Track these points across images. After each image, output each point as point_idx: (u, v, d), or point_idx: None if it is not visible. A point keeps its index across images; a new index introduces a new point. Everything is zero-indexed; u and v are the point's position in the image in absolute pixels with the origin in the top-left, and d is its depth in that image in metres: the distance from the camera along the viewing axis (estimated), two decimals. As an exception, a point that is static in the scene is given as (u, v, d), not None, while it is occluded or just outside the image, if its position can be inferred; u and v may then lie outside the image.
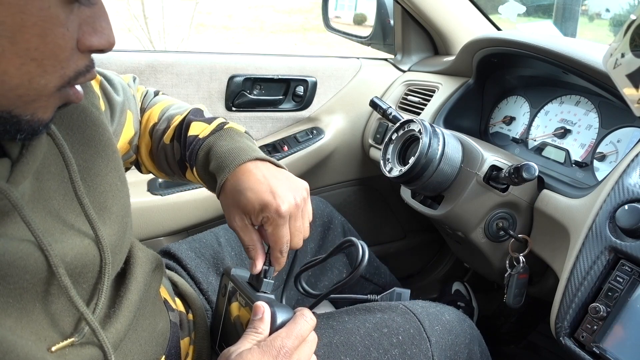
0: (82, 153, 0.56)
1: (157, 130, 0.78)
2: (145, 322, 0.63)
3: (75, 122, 0.56)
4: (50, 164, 0.52)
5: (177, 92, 1.31)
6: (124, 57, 1.26)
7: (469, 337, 0.84)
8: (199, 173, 0.72)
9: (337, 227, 1.14)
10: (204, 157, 0.70)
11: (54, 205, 0.52)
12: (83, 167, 0.55)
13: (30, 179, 0.50)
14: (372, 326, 0.77)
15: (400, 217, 1.63)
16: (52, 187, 0.52)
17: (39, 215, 0.49)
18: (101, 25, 0.45)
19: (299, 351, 0.56)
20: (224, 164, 0.66)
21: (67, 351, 0.50)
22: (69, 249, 0.50)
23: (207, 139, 0.71)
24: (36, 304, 0.48)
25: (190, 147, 0.72)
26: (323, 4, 1.66)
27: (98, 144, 0.57)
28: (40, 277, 0.48)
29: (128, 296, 0.59)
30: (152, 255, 0.69)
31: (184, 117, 0.76)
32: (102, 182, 0.57)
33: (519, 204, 0.96)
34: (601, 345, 0.71)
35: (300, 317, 0.59)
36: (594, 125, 1.01)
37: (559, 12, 3.17)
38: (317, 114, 1.46)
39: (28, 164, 0.47)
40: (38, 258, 0.47)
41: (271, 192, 0.63)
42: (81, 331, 0.51)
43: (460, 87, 1.25)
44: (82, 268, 0.51)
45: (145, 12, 5.22)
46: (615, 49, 0.65)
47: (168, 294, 0.75)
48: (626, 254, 0.71)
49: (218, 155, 0.68)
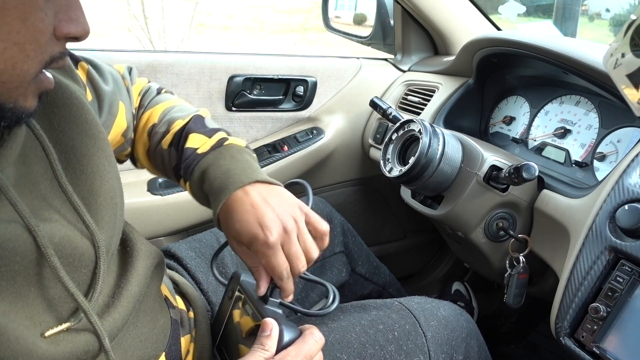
0: (68, 131, 0.56)
1: (157, 132, 0.77)
2: (145, 318, 0.63)
3: (60, 100, 0.56)
4: (36, 147, 0.53)
5: (177, 92, 1.31)
6: (124, 57, 1.26)
7: (465, 332, 0.84)
8: (192, 188, 0.71)
9: (337, 227, 1.14)
10: (199, 175, 0.69)
11: (41, 190, 0.52)
12: (69, 147, 0.55)
13: (16, 164, 0.50)
14: (367, 323, 0.78)
15: (400, 217, 1.63)
16: (39, 171, 0.53)
17: (27, 198, 0.50)
18: (76, 14, 0.46)
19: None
20: (217, 192, 0.66)
21: (61, 337, 0.50)
22: (56, 229, 0.50)
23: (205, 156, 0.70)
24: (31, 289, 0.49)
25: (187, 160, 0.71)
26: (323, 4, 1.66)
27: (83, 123, 0.57)
28: (31, 259, 0.48)
29: (128, 288, 0.59)
30: (155, 251, 0.69)
31: (185, 123, 0.75)
32: (88, 164, 0.56)
33: (519, 204, 0.96)
34: (601, 345, 0.71)
35: (309, 337, 0.59)
36: (594, 125, 1.01)
37: (559, 12, 3.18)
38: (317, 114, 1.46)
39: (11, 148, 0.48)
40: (27, 239, 0.47)
41: (258, 223, 0.61)
42: (77, 316, 0.52)
43: (460, 87, 1.25)
44: (72, 250, 0.52)
45: (145, 12, 5.22)
46: (616, 49, 0.65)
47: (169, 291, 0.75)
48: (626, 254, 0.71)
49: (212, 179, 0.67)
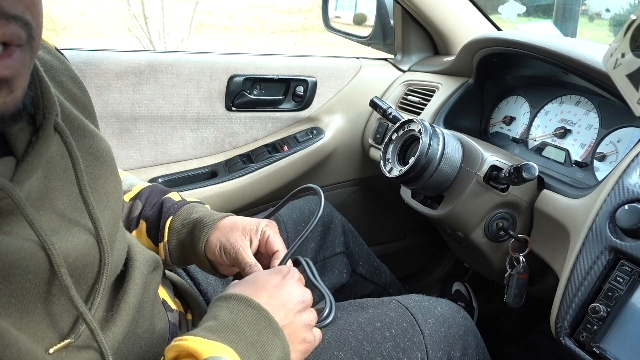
0: (83, 159, 0.56)
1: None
2: (144, 325, 0.63)
3: (76, 130, 0.56)
4: (56, 163, 0.52)
5: (177, 92, 1.31)
6: (124, 57, 1.26)
7: (462, 329, 0.84)
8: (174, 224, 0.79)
9: (337, 227, 1.14)
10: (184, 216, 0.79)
11: (59, 205, 0.52)
12: (85, 171, 0.55)
13: (39, 178, 0.50)
14: (365, 321, 0.78)
15: (400, 217, 1.63)
16: (57, 186, 0.52)
17: (45, 214, 0.50)
18: None
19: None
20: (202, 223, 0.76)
21: (64, 354, 0.50)
22: (72, 248, 0.50)
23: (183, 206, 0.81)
24: (37, 305, 0.48)
25: (169, 204, 0.81)
26: (323, 4, 1.66)
27: (96, 151, 0.58)
28: (43, 277, 0.47)
29: (126, 299, 0.59)
30: (151, 256, 0.69)
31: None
32: (103, 185, 0.57)
33: (519, 204, 0.96)
34: (601, 345, 0.71)
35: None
36: (594, 125, 1.01)
37: (559, 12, 3.18)
38: (317, 114, 1.46)
39: (33, 163, 0.47)
40: (41, 258, 0.47)
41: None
42: (77, 331, 0.51)
43: (460, 87, 1.25)
44: (82, 268, 0.52)
45: (145, 12, 5.22)
46: (616, 49, 0.65)
47: (167, 294, 0.75)
48: (626, 254, 0.71)
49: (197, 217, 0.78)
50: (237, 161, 1.38)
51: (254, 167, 1.36)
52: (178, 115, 1.33)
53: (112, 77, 1.25)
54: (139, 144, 1.31)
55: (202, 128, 1.36)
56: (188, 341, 0.52)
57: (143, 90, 1.28)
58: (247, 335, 0.55)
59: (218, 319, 0.56)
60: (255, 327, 0.56)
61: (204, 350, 0.50)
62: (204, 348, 0.51)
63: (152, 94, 1.29)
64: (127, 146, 1.30)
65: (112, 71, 1.24)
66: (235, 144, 1.40)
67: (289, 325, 0.59)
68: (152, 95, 1.29)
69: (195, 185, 1.31)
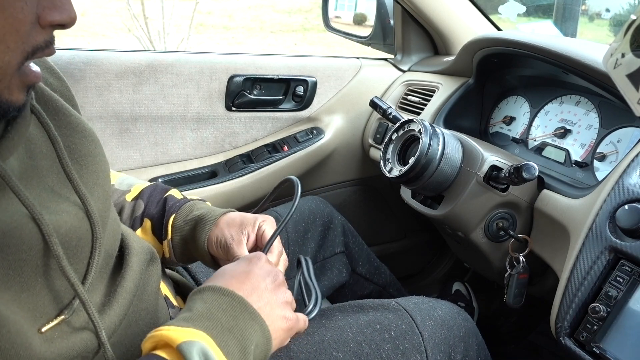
0: (70, 136, 0.57)
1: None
2: (146, 317, 0.64)
3: (60, 110, 0.57)
4: (42, 144, 0.54)
5: (177, 92, 1.31)
6: (124, 57, 1.26)
7: (463, 331, 0.84)
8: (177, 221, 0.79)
9: (337, 227, 1.14)
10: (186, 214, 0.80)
11: (48, 182, 0.53)
12: (72, 149, 0.57)
13: (21, 157, 0.51)
14: (364, 323, 0.78)
15: (400, 217, 1.63)
16: (45, 165, 0.53)
17: (34, 191, 0.51)
18: (60, 0, 0.45)
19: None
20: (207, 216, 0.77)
21: (56, 334, 0.50)
22: (62, 221, 0.51)
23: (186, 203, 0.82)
24: (37, 279, 0.49)
25: (172, 202, 0.81)
26: (323, 4, 1.66)
27: (83, 130, 0.59)
28: (38, 249, 0.49)
29: (123, 284, 0.60)
30: (147, 246, 0.70)
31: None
32: (93, 162, 0.59)
33: (519, 204, 0.96)
34: (601, 345, 0.71)
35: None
36: (594, 125, 1.01)
37: (559, 12, 3.18)
38: (317, 114, 1.46)
39: (13, 139, 0.48)
40: (32, 228, 0.48)
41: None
42: (71, 307, 0.52)
43: (460, 87, 1.25)
44: (76, 242, 0.53)
45: (145, 12, 5.22)
46: (616, 49, 0.65)
47: (169, 291, 0.76)
48: (626, 254, 0.71)
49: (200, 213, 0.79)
50: (237, 161, 1.38)
51: (254, 167, 1.36)
52: (178, 115, 1.33)
53: (112, 77, 1.25)
54: (139, 144, 1.31)
55: (202, 128, 1.36)
56: (162, 330, 0.53)
57: (143, 90, 1.28)
58: (222, 321, 0.55)
59: (193, 310, 0.56)
60: (230, 314, 0.56)
61: (178, 336, 0.51)
62: (178, 334, 0.51)
63: (152, 94, 1.29)
64: (127, 146, 1.30)
65: (112, 71, 1.24)
66: (235, 144, 1.40)
67: (265, 306, 0.60)
68: (152, 95, 1.29)
69: (195, 185, 1.31)
